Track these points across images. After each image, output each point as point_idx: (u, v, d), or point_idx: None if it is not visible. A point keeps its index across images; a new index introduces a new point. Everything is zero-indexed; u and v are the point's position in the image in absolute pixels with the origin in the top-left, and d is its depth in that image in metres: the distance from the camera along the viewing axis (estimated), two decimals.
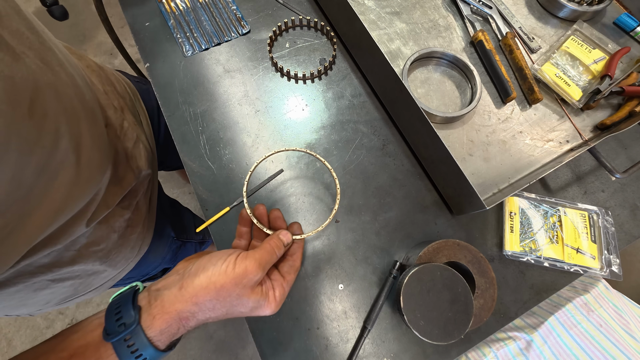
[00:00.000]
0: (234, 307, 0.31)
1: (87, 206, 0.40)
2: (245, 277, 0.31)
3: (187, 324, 0.30)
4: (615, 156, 0.53)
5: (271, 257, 0.34)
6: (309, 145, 0.51)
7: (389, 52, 0.56)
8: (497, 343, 0.53)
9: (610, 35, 0.58)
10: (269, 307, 0.33)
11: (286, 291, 0.35)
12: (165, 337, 0.29)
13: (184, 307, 0.30)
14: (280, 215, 0.40)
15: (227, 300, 0.31)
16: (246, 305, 0.32)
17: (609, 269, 0.46)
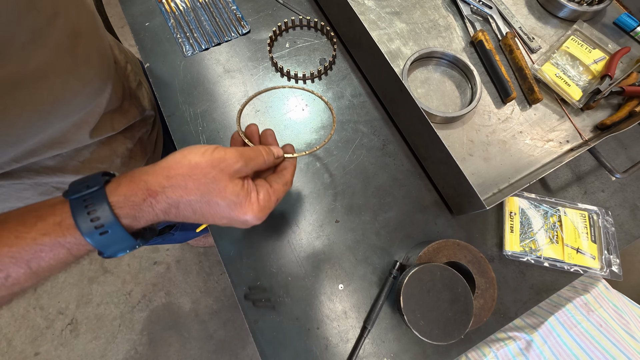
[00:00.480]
0: (209, 193, 0.28)
1: (89, 115, 0.41)
2: (223, 162, 0.28)
3: (156, 200, 0.27)
4: (615, 156, 0.53)
5: (256, 156, 0.31)
6: (308, 145, 0.51)
7: (389, 52, 0.56)
8: (497, 343, 0.53)
9: (610, 35, 0.58)
10: (251, 207, 0.30)
11: (272, 200, 0.32)
12: (128, 209, 0.26)
13: (154, 178, 0.27)
14: (272, 134, 0.37)
15: (202, 180, 0.28)
16: (223, 196, 0.28)
17: (609, 269, 0.46)
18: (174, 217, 0.29)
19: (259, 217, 0.31)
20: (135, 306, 1.26)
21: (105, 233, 0.26)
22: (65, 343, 1.21)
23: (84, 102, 0.39)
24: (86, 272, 1.29)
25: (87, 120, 0.41)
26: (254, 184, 0.31)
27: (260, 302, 0.44)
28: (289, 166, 0.36)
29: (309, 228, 0.47)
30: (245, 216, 0.30)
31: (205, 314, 1.25)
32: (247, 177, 0.31)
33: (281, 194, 0.33)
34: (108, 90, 0.43)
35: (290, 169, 0.36)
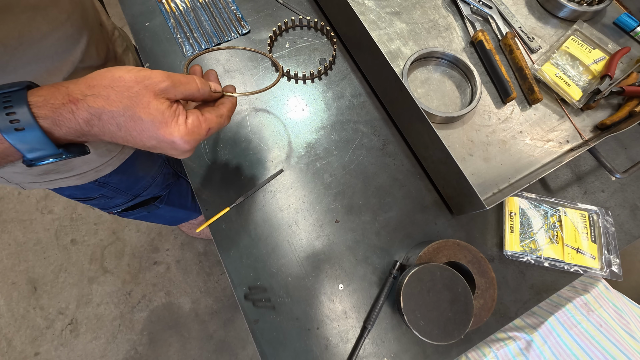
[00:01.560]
0: (133, 108, 0.27)
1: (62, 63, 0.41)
2: (148, 79, 0.28)
3: (76, 106, 0.27)
4: (615, 156, 0.53)
5: (188, 82, 0.30)
6: (308, 145, 0.51)
7: (389, 52, 0.56)
8: (497, 343, 0.53)
9: (610, 35, 0.58)
10: (177, 129, 0.29)
11: (202, 127, 0.31)
12: (47, 110, 0.26)
13: (75, 86, 0.27)
14: (215, 74, 0.37)
15: (124, 94, 0.27)
16: (147, 112, 0.28)
17: (609, 269, 0.46)
18: (99, 132, 0.28)
19: (187, 141, 0.30)
20: (135, 306, 1.26)
21: (21, 130, 0.25)
22: (65, 343, 1.21)
23: (55, 47, 0.39)
24: (86, 272, 1.29)
25: (60, 67, 0.41)
26: (184, 110, 0.31)
27: (260, 302, 0.44)
28: (227, 102, 0.35)
29: (309, 228, 0.47)
30: (172, 137, 0.29)
31: (205, 314, 1.25)
32: (177, 101, 0.30)
33: (214, 125, 0.33)
34: (84, 42, 0.43)
35: (228, 104, 0.35)
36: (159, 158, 0.67)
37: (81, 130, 0.28)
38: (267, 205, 0.48)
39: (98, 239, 1.33)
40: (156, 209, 0.79)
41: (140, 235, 1.34)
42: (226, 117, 0.35)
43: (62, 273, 1.29)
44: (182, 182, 0.79)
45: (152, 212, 0.79)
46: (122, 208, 0.70)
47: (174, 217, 0.98)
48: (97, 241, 1.33)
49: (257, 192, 0.48)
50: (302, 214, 0.48)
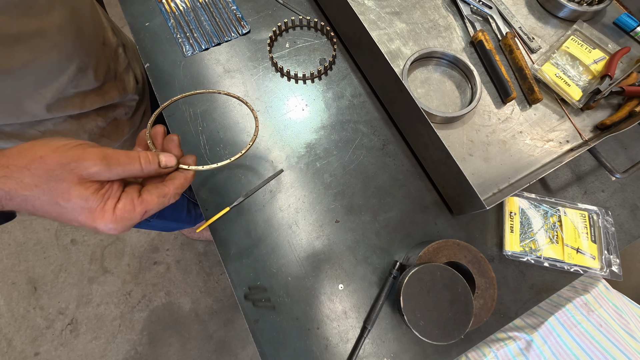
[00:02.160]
0: (51, 193, 0.25)
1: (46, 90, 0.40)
2: (76, 162, 0.25)
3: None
4: (615, 156, 0.53)
5: (129, 162, 0.27)
6: (308, 145, 0.51)
7: (389, 52, 0.56)
8: (497, 343, 0.53)
9: (610, 35, 0.58)
10: (101, 216, 0.26)
11: (136, 211, 0.27)
12: None
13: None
14: (176, 140, 0.33)
15: (42, 177, 0.24)
16: (67, 198, 0.25)
17: (609, 269, 0.46)
18: (16, 208, 0.26)
19: (113, 228, 0.27)
20: (135, 306, 1.26)
21: None
22: (65, 343, 1.21)
23: (37, 75, 0.38)
24: (86, 272, 1.29)
25: (43, 94, 0.40)
26: (119, 191, 0.27)
27: (260, 302, 0.44)
28: (178, 177, 0.31)
29: (309, 228, 0.47)
30: (94, 224, 0.26)
31: (205, 314, 1.25)
32: (110, 181, 0.27)
33: (153, 206, 0.29)
34: (72, 68, 0.42)
35: (178, 181, 0.31)
36: None
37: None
38: (267, 205, 0.48)
39: (98, 239, 1.33)
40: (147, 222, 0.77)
41: (140, 236, 1.34)
42: (172, 196, 0.31)
43: (62, 273, 1.29)
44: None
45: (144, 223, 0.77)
46: None
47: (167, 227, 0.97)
48: (97, 241, 1.33)
49: (257, 192, 0.48)
50: (302, 214, 0.48)
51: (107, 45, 0.51)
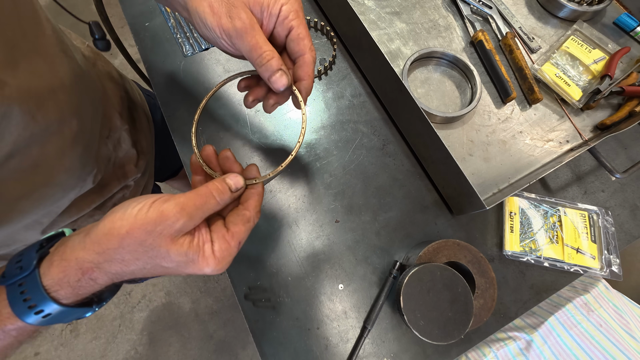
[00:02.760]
0: (152, 260, 0.25)
1: (43, 217, 0.39)
2: (160, 224, 0.24)
3: (92, 276, 0.25)
4: (615, 156, 0.53)
5: (205, 202, 0.27)
6: (308, 145, 0.51)
7: (389, 52, 0.56)
8: (497, 343, 0.53)
9: (610, 35, 0.58)
10: (205, 263, 0.26)
11: (232, 246, 0.27)
12: (66, 291, 0.24)
13: (85, 255, 0.24)
14: (231, 156, 0.32)
15: (139, 250, 0.24)
16: (169, 260, 0.25)
17: (609, 269, 0.46)
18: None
19: (219, 269, 0.27)
20: (135, 306, 1.26)
21: (48, 316, 0.24)
22: (65, 343, 1.21)
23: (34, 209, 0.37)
24: None
25: (40, 221, 0.39)
26: (208, 233, 0.27)
27: (260, 302, 0.44)
28: (252, 197, 0.30)
29: (309, 228, 0.47)
30: (202, 271, 0.26)
31: (205, 314, 1.25)
32: (197, 228, 0.27)
33: (243, 235, 0.28)
34: (70, 197, 0.41)
35: (253, 201, 0.30)
36: None
37: (104, 288, 0.26)
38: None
39: None
40: None
41: None
42: (254, 217, 0.30)
43: None
44: None
45: None
46: None
47: None
48: None
49: None
50: (302, 214, 0.48)
51: (111, 137, 0.47)
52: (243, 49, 0.28)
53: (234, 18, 0.27)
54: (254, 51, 0.28)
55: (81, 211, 0.44)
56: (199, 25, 0.29)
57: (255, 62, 0.29)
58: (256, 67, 0.29)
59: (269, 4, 0.29)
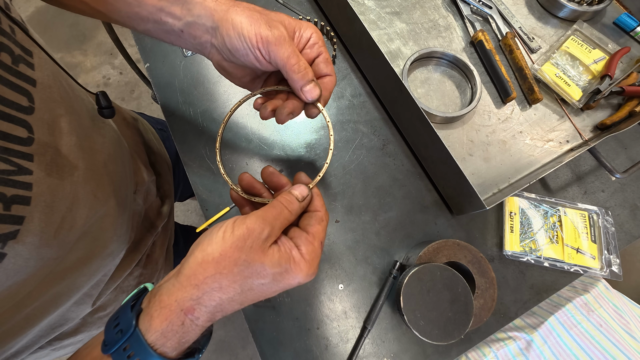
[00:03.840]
0: (249, 279, 0.25)
1: (92, 289, 0.39)
2: (249, 237, 0.24)
3: (194, 316, 0.24)
4: (615, 156, 0.53)
5: (280, 212, 0.27)
6: (308, 145, 0.51)
7: (389, 52, 0.56)
8: (497, 343, 0.53)
9: (610, 35, 0.58)
10: (299, 268, 0.26)
11: (316, 247, 0.27)
12: (172, 341, 0.24)
13: (183, 294, 0.24)
14: (275, 171, 0.32)
15: (235, 271, 0.24)
16: (265, 274, 0.25)
17: (609, 269, 0.46)
18: (222, 316, 0.26)
19: (311, 274, 0.27)
20: None
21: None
22: None
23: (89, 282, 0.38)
24: None
25: (90, 293, 0.39)
26: (290, 241, 0.27)
27: (260, 302, 0.44)
28: (315, 198, 0.31)
29: None
30: (296, 280, 0.26)
31: None
32: (279, 239, 0.27)
33: (322, 234, 0.29)
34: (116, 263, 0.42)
35: (318, 201, 0.31)
36: None
37: (204, 329, 0.26)
38: None
39: None
40: None
41: None
42: (325, 216, 0.30)
43: None
44: None
45: None
46: None
47: None
48: None
49: None
50: None
51: (139, 192, 0.48)
52: (280, 56, 0.29)
53: (272, 27, 0.29)
54: (292, 58, 0.29)
55: (124, 273, 0.45)
56: (231, 38, 0.29)
57: (291, 69, 0.29)
58: (291, 74, 0.30)
59: (300, 28, 0.31)
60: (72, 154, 0.30)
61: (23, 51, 0.27)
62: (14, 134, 0.24)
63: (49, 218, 0.27)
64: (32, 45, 0.28)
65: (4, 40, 0.25)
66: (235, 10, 0.29)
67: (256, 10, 0.30)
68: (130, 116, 0.56)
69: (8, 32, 0.26)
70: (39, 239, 0.26)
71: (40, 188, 0.26)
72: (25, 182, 0.25)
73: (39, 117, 0.27)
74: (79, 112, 0.33)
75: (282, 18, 0.30)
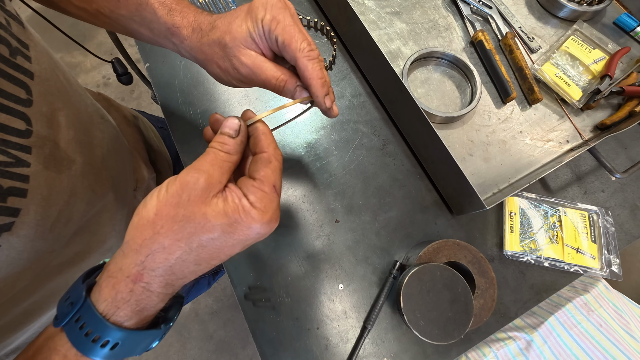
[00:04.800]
0: (194, 236, 0.23)
1: None
2: (184, 191, 0.22)
3: (144, 282, 0.23)
4: (615, 156, 0.53)
5: (215, 156, 0.24)
6: (308, 145, 0.51)
7: (389, 52, 0.56)
8: (497, 343, 0.53)
9: (610, 35, 0.58)
10: (250, 217, 0.23)
11: (267, 192, 0.24)
12: (125, 310, 0.23)
13: (126, 260, 0.23)
14: (220, 118, 0.29)
15: (175, 229, 0.22)
16: (210, 227, 0.23)
17: (609, 269, 0.46)
18: (182, 282, 0.25)
19: (268, 221, 0.24)
20: None
21: (116, 346, 0.22)
22: None
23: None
24: None
25: None
26: (238, 189, 0.24)
27: (260, 302, 0.44)
28: (259, 138, 0.27)
29: (309, 228, 0.47)
30: (253, 230, 0.24)
31: (205, 313, 1.25)
32: (226, 188, 0.24)
33: (272, 178, 0.25)
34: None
35: (264, 140, 0.27)
36: None
37: (165, 296, 0.24)
38: None
39: None
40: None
41: None
42: (273, 155, 0.26)
43: None
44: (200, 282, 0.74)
45: None
46: None
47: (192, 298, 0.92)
48: None
49: None
50: (302, 214, 0.48)
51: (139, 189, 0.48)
52: (260, 85, 0.29)
53: (238, 68, 0.28)
54: (269, 85, 0.29)
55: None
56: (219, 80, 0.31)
57: (276, 91, 0.29)
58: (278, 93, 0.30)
59: (254, 30, 0.28)
60: (70, 148, 0.30)
61: (20, 44, 0.27)
62: (13, 126, 0.24)
63: (45, 211, 0.27)
64: (28, 39, 0.28)
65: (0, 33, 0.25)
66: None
67: None
68: (131, 114, 0.56)
69: (4, 25, 0.26)
70: (34, 232, 0.26)
71: (37, 181, 0.26)
72: (23, 174, 0.25)
73: (38, 110, 0.27)
74: (77, 106, 0.33)
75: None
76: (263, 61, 0.28)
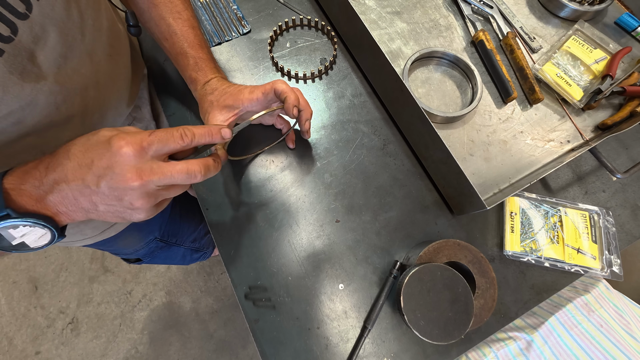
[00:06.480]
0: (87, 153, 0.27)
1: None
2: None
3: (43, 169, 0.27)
4: (616, 156, 0.53)
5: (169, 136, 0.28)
6: (309, 145, 0.51)
7: (389, 52, 0.56)
8: (498, 343, 0.53)
9: (612, 35, 0.58)
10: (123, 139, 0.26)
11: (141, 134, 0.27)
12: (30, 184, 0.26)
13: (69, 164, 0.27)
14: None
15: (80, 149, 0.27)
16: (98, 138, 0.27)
17: (609, 269, 0.46)
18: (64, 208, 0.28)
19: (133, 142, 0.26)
20: (136, 305, 1.26)
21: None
22: (66, 342, 1.22)
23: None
24: (87, 271, 1.30)
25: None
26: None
27: (260, 301, 0.44)
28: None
29: (309, 228, 0.47)
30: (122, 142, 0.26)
31: (206, 313, 1.25)
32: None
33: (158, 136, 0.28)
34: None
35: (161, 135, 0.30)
36: (148, 236, 0.65)
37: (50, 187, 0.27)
38: (268, 204, 0.48)
39: None
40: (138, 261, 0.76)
41: None
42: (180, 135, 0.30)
43: (62, 272, 1.29)
44: (174, 251, 0.76)
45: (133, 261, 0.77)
46: None
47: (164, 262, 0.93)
48: None
49: (258, 192, 0.48)
50: (303, 214, 0.48)
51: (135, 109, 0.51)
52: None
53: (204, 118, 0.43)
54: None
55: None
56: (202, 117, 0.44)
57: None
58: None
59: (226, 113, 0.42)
60: (46, 66, 0.31)
61: None
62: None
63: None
64: None
65: None
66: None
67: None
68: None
69: None
70: None
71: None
72: None
73: (29, 27, 0.28)
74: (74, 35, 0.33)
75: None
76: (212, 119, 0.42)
